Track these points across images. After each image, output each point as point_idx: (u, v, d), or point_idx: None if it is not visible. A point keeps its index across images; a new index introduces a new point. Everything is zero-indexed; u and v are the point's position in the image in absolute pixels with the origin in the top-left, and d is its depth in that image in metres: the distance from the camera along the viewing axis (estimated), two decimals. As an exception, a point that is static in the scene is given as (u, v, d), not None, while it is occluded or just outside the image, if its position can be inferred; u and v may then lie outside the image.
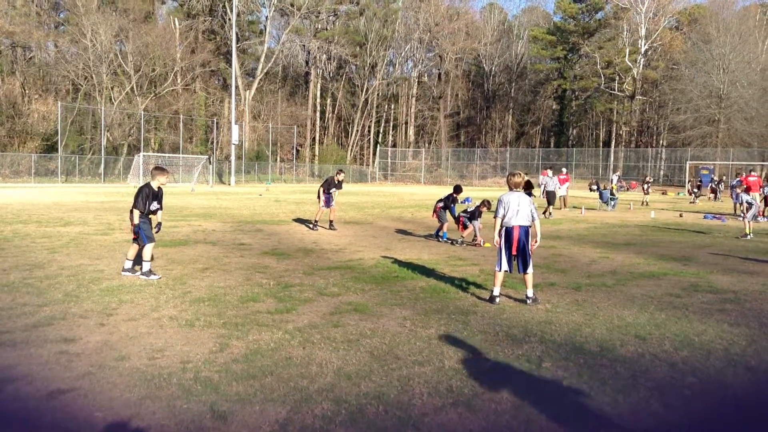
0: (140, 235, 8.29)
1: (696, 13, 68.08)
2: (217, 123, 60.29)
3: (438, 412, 4.06)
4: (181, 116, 55.34)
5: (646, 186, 31.14)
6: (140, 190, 8.38)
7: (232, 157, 53.00)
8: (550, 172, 22.74)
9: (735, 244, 14.11)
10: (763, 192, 22.85)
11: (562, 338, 5.88)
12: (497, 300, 7.33)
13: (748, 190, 22.97)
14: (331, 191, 15.56)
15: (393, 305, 7.09)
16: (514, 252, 7.32)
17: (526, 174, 8.83)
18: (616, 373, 4.88)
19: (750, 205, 16.02)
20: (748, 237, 15.12)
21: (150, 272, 8.33)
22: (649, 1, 65.74)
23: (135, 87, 53.44)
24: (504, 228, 7.40)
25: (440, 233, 13.75)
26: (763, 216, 22.25)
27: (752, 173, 24.07)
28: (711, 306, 7.39)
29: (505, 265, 7.37)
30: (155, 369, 4.73)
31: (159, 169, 8.58)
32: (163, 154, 52.77)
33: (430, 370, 4.84)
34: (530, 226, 7.42)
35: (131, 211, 8.39)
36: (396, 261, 10.40)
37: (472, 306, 7.15)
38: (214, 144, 59.79)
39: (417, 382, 4.56)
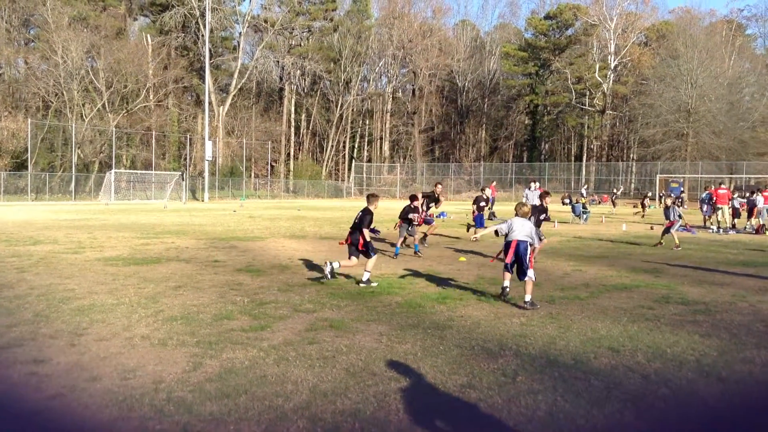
0: (370, 249, 9.57)
1: (664, 29, 69.50)
2: (190, 139, 59.90)
3: (414, 429, 4.05)
4: (154, 133, 54.89)
5: (614, 197, 31.62)
6: (369, 212, 9.66)
7: (206, 174, 52.64)
8: (533, 185, 22.69)
9: (705, 256, 14.35)
10: (732, 204, 23.31)
11: (537, 351, 5.91)
12: (507, 291, 8.35)
13: (711, 201, 23.47)
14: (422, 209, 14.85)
15: (369, 321, 7.08)
16: (508, 260, 8.32)
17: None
18: (591, 385, 4.91)
19: (680, 217, 16.80)
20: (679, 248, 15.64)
21: (369, 281, 9.52)
22: (617, 17, 67.02)
23: (106, 104, 52.91)
24: (506, 241, 8.53)
25: (421, 244, 13.81)
26: (734, 228, 22.69)
27: (721, 186, 24.54)
28: (682, 317, 7.49)
29: (508, 268, 8.41)
30: (127, 389, 4.65)
31: (376, 196, 10.07)
32: (135, 171, 52.25)
33: (407, 386, 4.83)
34: (530, 242, 8.37)
35: (363, 230, 9.47)
36: (372, 277, 10.37)
37: (448, 320, 7.16)
38: (188, 160, 59.35)
39: (393, 399, 4.55)
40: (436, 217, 28.55)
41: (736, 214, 23.21)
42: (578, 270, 11.65)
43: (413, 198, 14.00)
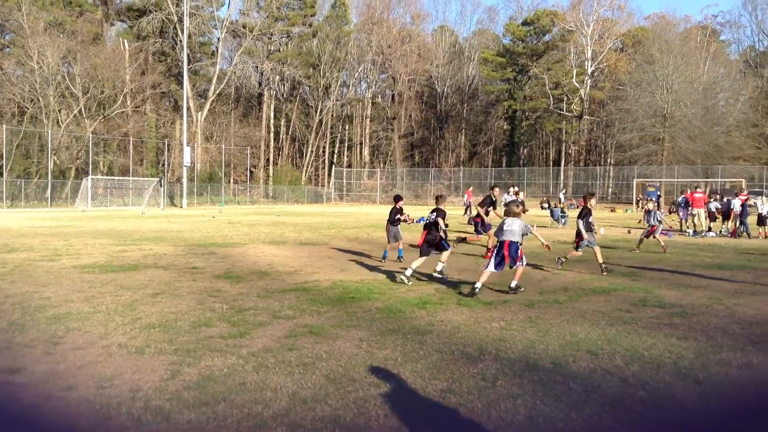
0: (445, 243, 10.66)
1: (639, 35, 70.40)
2: (168, 145, 59.45)
3: (394, 434, 4.04)
4: (131, 138, 54.38)
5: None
6: (442, 211, 10.75)
7: (184, 180, 52.24)
8: (512, 190, 22.77)
9: (682, 259, 14.52)
10: (708, 208, 23.62)
11: (517, 355, 5.94)
12: (476, 291, 8.98)
13: (687, 205, 23.78)
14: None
15: (349, 327, 7.06)
16: (507, 260, 9.33)
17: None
18: (569, 389, 4.94)
19: (660, 222, 17.02)
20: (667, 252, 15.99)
21: (442, 272, 10.52)
22: (594, 23, 67.83)
23: (83, 109, 52.36)
24: (498, 242, 9.53)
25: (395, 251, 13.76)
26: (710, 231, 22.99)
27: (697, 190, 24.87)
28: (659, 320, 7.57)
29: (491, 268, 9.29)
30: (104, 398, 4.59)
31: (444, 196, 11.47)
32: (113, 177, 51.71)
33: (387, 392, 4.83)
34: (519, 243, 9.39)
35: (437, 222, 10.62)
36: (352, 282, 10.37)
37: (428, 325, 7.17)
38: (166, 166, 58.89)
39: (373, 405, 4.54)
40: (417, 221, 28.60)
41: (712, 217, 23.52)
42: (557, 273, 11.74)
43: (398, 198, 13.95)
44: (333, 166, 74.07)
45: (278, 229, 23.29)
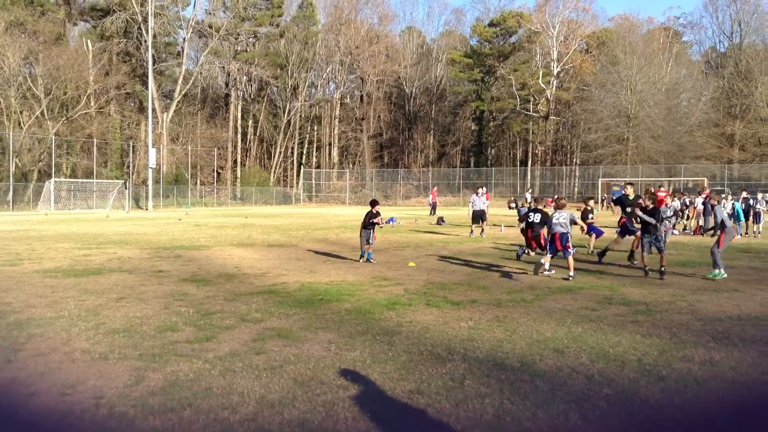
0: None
1: (604, 36, 71.44)
2: (133, 146, 58.56)
3: (362, 436, 4.04)
4: (95, 140, 53.45)
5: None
6: (545, 212, 12.31)
7: (150, 182, 51.50)
8: (480, 190, 22.64)
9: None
10: (672, 207, 24.02)
11: (484, 355, 5.97)
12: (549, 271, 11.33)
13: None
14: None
15: (317, 329, 7.03)
16: (558, 247, 11.06)
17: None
18: (536, 387, 4.99)
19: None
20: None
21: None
22: (559, 25, 68.66)
23: (45, 111, 51.28)
24: (550, 234, 11.27)
25: (365, 254, 13.72)
26: (674, 229, 23.40)
27: (661, 189, 25.30)
28: (624, 318, 7.68)
29: (550, 253, 11.19)
30: (66, 406, 4.49)
31: (541, 198, 13.34)
32: (76, 180, 50.78)
33: (355, 394, 4.81)
34: (568, 232, 11.06)
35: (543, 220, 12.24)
36: (321, 284, 10.33)
37: (397, 326, 7.17)
38: (131, 168, 57.99)
39: (341, 407, 4.52)
40: (386, 222, 28.66)
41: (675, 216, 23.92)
42: (524, 272, 11.84)
43: (374, 203, 13.77)
44: (302, 167, 73.77)
45: (246, 231, 23.11)
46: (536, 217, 12.60)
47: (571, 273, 10.89)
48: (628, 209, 13.35)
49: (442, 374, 5.33)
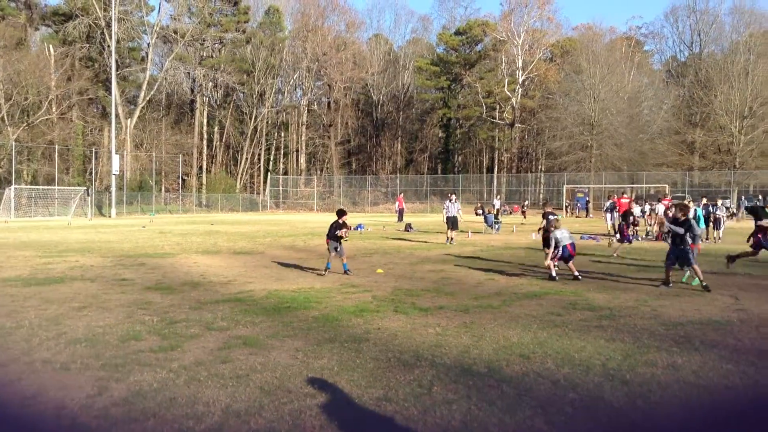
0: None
1: (567, 45, 72.56)
2: (96, 153, 57.55)
3: (330, 445, 4.01)
4: (57, 146, 52.38)
5: (524, 210, 32.71)
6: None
7: (113, 188, 50.62)
8: (453, 197, 22.77)
9: (610, 263, 15.00)
10: (635, 213, 24.48)
11: (452, 361, 5.99)
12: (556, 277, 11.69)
13: (614, 210, 24.55)
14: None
15: (285, 337, 6.97)
16: (573, 254, 12.00)
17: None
18: (503, 393, 5.01)
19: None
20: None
21: None
22: (524, 34, 69.56)
23: (5, 116, 50.12)
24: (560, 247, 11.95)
25: (330, 265, 13.21)
26: (636, 236, 23.83)
27: (624, 195, 25.72)
28: (589, 323, 7.78)
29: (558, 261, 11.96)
30: (27, 417, 4.38)
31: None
32: (37, 187, 49.62)
33: (323, 402, 4.78)
34: (573, 242, 12.08)
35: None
36: (288, 291, 10.26)
37: (365, 333, 7.15)
38: (93, 175, 56.96)
39: (309, 416, 4.49)
40: (354, 229, 28.63)
41: (634, 222, 24.33)
42: (491, 279, 11.93)
43: (341, 213, 12.84)
44: (269, 173, 73.30)
45: (212, 239, 22.86)
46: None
47: (575, 273, 11.86)
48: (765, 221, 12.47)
49: (410, 381, 5.33)
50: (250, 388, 5.12)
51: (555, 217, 13.04)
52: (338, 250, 12.61)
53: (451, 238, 21.11)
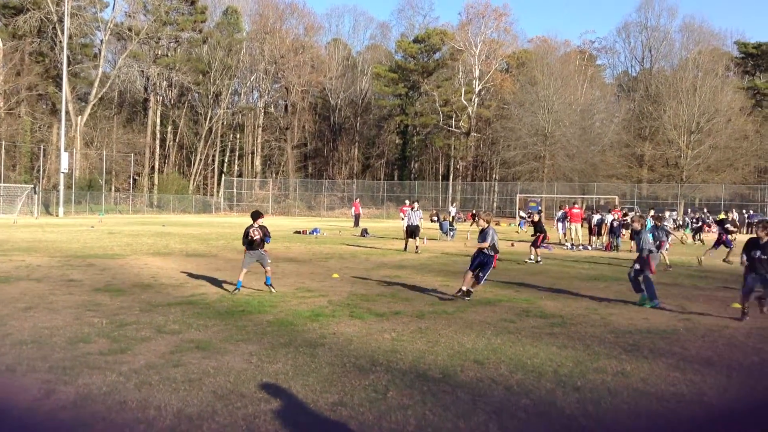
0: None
1: (523, 57, 73.69)
2: (44, 150, 55.85)
3: (285, 450, 3.97)
4: (3, 142, 50.67)
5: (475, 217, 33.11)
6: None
7: (61, 187, 49.24)
8: (416, 205, 22.43)
9: (561, 271, 15.27)
10: (586, 222, 25.00)
11: (407, 366, 6.00)
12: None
13: (566, 219, 25.03)
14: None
15: (238, 341, 6.88)
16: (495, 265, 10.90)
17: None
18: (458, 398, 5.05)
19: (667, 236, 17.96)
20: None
21: None
22: (481, 44, 70.40)
23: (-52, 110, 48.33)
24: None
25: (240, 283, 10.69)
26: (590, 244, 24.33)
27: (575, 206, 26.21)
28: (541, 330, 7.90)
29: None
30: (-35, 423, 4.22)
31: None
32: (-19, 183, 47.94)
33: (277, 407, 4.74)
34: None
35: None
36: (242, 294, 10.13)
37: (320, 338, 7.12)
38: (41, 172, 55.29)
39: (263, 420, 4.44)
40: (309, 233, 28.49)
41: (596, 231, 24.85)
42: (446, 285, 12.00)
43: (256, 215, 10.93)
44: (223, 175, 72.33)
45: (163, 240, 22.43)
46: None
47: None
48: None
49: (365, 386, 5.32)
50: (203, 392, 5.04)
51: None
52: (261, 260, 10.66)
53: (417, 246, 20.67)
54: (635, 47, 78.30)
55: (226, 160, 75.81)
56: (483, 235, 10.60)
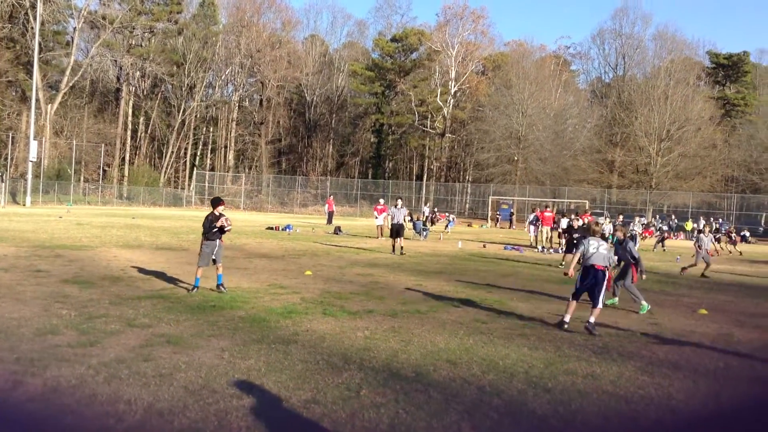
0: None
1: (499, 60, 74.21)
2: (12, 138, 54.75)
3: (257, 446, 3.95)
4: (-31, 129, 49.59)
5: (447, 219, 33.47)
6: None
7: (29, 176, 48.31)
8: (400, 202, 21.85)
9: (532, 273, 15.42)
10: (557, 226, 25.23)
11: (380, 365, 6.01)
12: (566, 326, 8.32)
13: (537, 222, 25.27)
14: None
15: (210, 336, 6.83)
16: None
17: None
18: (430, 397, 5.07)
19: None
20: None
21: None
22: (458, 45, 70.68)
23: None
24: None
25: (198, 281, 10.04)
26: (561, 248, 24.54)
27: (547, 209, 26.46)
28: (513, 331, 7.97)
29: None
30: (-72, 415, 4.12)
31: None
32: (-55, 170, 46.82)
33: (249, 404, 4.71)
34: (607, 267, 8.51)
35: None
36: (213, 289, 10.03)
37: (293, 335, 7.09)
38: (8, 161, 54.17)
39: (235, 417, 4.41)
40: (282, 229, 28.35)
41: (561, 235, 25.07)
42: (419, 284, 12.04)
43: (216, 202, 10.47)
44: (195, 168, 71.58)
45: (133, 233, 22.13)
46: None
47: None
48: None
49: (338, 384, 5.32)
50: (174, 387, 4.99)
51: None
52: (216, 257, 9.92)
53: (402, 248, 19.54)
54: (609, 54, 79.36)
55: (198, 154, 75.05)
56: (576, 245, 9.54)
